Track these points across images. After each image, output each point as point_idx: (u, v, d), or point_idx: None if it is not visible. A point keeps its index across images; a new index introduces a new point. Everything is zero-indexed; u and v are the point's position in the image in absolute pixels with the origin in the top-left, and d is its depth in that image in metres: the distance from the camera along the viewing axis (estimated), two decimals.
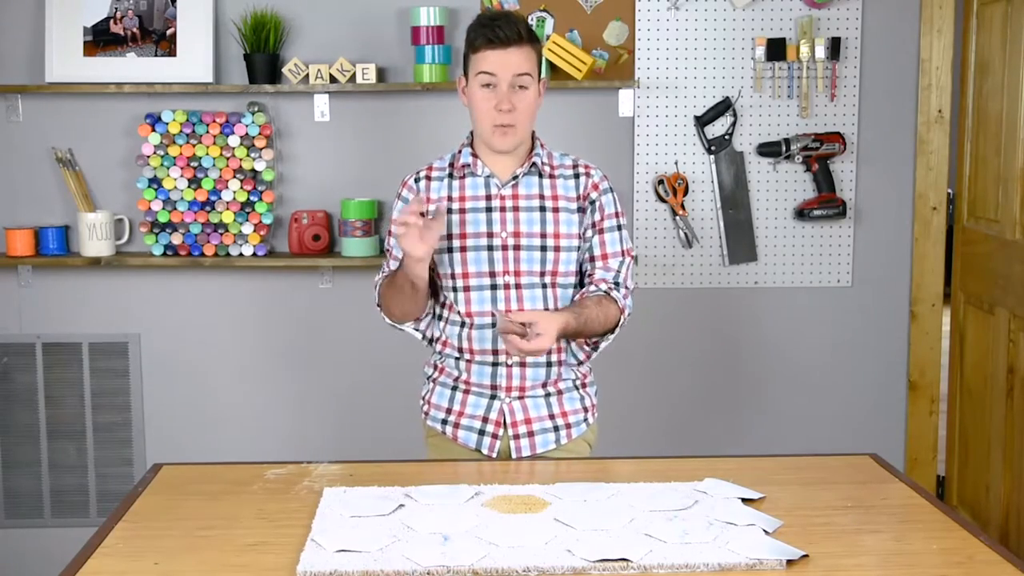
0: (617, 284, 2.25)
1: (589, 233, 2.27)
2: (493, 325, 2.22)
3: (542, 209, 2.24)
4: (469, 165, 2.25)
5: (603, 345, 2.30)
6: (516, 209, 2.23)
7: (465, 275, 2.23)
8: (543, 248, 2.22)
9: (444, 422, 2.30)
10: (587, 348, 2.31)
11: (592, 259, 2.27)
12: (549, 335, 2.06)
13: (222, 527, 1.81)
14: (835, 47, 3.44)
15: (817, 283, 3.57)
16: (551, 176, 2.26)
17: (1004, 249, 3.31)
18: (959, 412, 3.66)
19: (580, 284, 2.29)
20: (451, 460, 2.25)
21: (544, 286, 2.23)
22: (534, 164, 2.25)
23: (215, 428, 3.59)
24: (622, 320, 2.25)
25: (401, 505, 1.87)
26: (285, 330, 3.57)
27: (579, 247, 2.26)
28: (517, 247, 2.22)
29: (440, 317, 2.30)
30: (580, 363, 2.32)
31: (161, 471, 2.10)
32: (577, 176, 2.28)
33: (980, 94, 3.48)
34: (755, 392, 3.61)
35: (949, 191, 3.58)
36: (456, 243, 2.23)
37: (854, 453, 2.27)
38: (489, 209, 2.24)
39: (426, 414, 2.35)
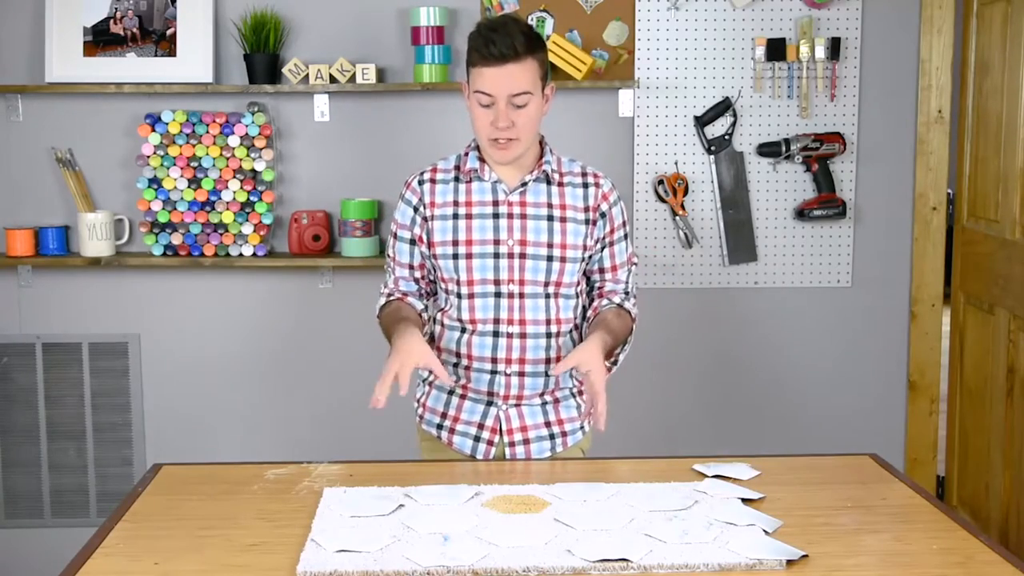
0: (627, 294, 2.29)
1: (599, 246, 2.26)
2: (495, 334, 2.21)
3: (550, 218, 2.20)
4: (476, 170, 2.21)
5: (621, 358, 2.30)
6: (524, 217, 2.20)
7: (470, 282, 2.20)
8: (549, 258, 2.20)
9: (439, 427, 2.29)
10: (607, 363, 2.20)
11: (601, 271, 2.29)
12: (596, 364, 2.03)
13: (222, 527, 1.81)
14: (835, 47, 3.44)
15: (817, 283, 3.57)
16: (560, 184, 2.23)
17: (1004, 249, 3.31)
18: (959, 412, 3.65)
19: (581, 293, 2.28)
20: (451, 460, 2.25)
21: (547, 296, 2.21)
22: (543, 172, 2.22)
23: (215, 428, 3.59)
24: (633, 328, 2.29)
25: (401, 505, 1.86)
26: (285, 330, 3.57)
27: (583, 258, 2.24)
28: (523, 255, 2.19)
29: (434, 320, 2.28)
30: (580, 392, 2.31)
31: (161, 471, 2.10)
32: (586, 186, 2.24)
33: (980, 94, 3.48)
34: (755, 392, 3.61)
35: (949, 191, 3.58)
36: (462, 249, 2.20)
37: (854, 453, 2.27)
38: (496, 215, 2.20)
39: (421, 418, 2.34)
